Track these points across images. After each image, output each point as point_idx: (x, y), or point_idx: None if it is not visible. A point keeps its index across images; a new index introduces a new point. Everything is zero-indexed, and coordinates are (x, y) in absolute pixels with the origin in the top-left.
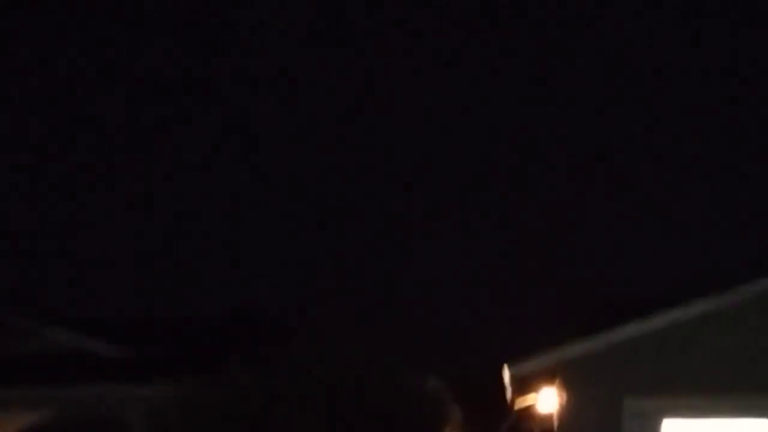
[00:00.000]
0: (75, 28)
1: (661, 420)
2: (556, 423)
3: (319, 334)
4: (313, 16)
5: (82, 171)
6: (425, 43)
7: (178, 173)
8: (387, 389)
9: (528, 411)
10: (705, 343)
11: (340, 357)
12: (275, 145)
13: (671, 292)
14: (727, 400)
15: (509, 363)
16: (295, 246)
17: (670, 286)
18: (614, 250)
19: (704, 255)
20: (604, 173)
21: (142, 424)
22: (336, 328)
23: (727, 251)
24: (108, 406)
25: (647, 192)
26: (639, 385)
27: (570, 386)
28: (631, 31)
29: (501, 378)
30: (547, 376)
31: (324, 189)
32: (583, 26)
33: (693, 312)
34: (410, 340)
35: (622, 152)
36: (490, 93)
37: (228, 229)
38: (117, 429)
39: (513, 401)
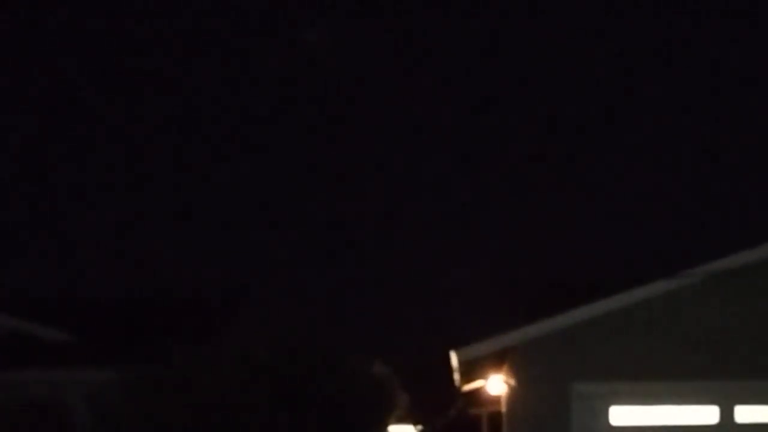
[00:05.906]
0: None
1: (609, 405)
2: (503, 408)
3: (265, 319)
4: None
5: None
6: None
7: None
8: (333, 374)
9: (476, 395)
10: (652, 330)
11: (285, 342)
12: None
13: (618, 277)
14: (675, 387)
15: (456, 348)
16: (241, 231)
17: (617, 272)
18: (561, 236)
19: (650, 240)
20: (549, 158)
21: (84, 409)
22: (282, 314)
23: (673, 237)
24: (49, 390)
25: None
26: (586, 371)
27: (517, 371)
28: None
29: (448, 363)
30: (495, 361)
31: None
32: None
33: (640, 297)
34: (357, 326)
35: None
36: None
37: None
38: (58, 413)
39: (460, 386)
